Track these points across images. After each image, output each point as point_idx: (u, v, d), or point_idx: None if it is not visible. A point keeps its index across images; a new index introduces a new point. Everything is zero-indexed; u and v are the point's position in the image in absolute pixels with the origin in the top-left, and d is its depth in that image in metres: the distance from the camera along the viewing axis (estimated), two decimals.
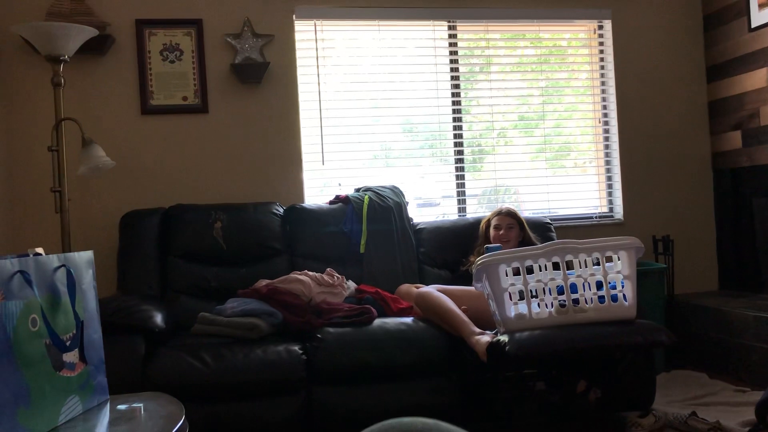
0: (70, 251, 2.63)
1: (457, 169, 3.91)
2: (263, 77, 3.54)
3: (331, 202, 3.50)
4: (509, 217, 3.24)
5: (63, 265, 1.35)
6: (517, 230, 3.22)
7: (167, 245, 3.19)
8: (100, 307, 1.53)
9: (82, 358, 1.37)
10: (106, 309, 2.45)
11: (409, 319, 2.81)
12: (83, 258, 1.45)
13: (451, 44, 3.90)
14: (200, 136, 3.52)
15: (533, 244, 3.10)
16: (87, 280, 1.45)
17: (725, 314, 3.47)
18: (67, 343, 1.31)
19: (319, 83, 3.70)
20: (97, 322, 1.47)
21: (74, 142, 3.00)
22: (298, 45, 3.66)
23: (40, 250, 1.32)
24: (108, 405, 1.43)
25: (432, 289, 2.86)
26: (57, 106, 2.93)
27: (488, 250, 2.97)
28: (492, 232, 3.24)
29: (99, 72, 3.42)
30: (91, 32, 2.91)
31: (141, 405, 1.38)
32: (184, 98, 3.50)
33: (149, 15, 3.45)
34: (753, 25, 3.73)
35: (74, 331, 1.35)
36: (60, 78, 2.91)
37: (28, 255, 1.29)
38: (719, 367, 3.49)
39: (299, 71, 3.65)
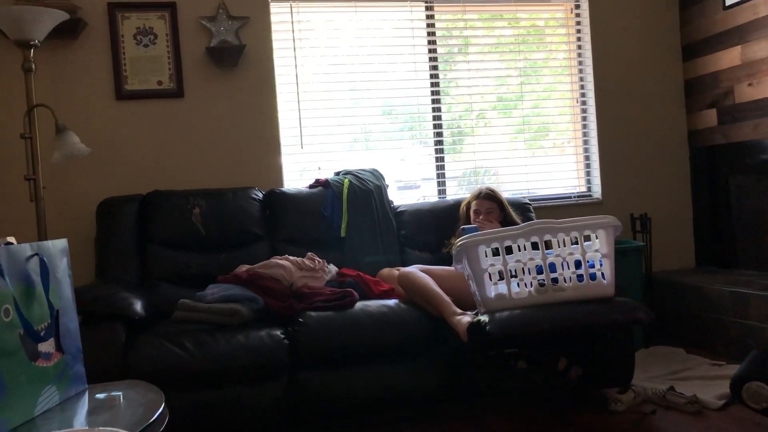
0: (46, 240, 2.60)
1: (436, 151, 3.91)
2: (239, 60, 3.50)
3: (310, 186, 3.48)
4: (488, 200, 3.22)
5: (36, 254, 1.33)
6: (498, 213, 3.21)
7: (146, 232, 3.15)
8: (78, 295, 1.51)
9: (59, 347, 1.36)
10: (84, 297, 2.44)
11: (391, 302, 2.82)
12: (57, 246, 1.43)
13: (428, 25, 3.88)
14: (176, 121, 3.48)
15: (515, 223, 3.11)
16: (62, 268, 1.43)
17: (702, 290, 3.52)
18: (42, 333, 1.30)
19: (296, 66, 3.66)
20: (73, 311, 1.45)
21: (48, 128, 2.95)
22: (274, 27, 3.61)
23: (11, 239, 1.30)
24: (86, 394, 1.42)
25: (415, 269, 2.87)
26: (28, 92, 2.87)
27: (464, 231, 2.99)
28: (472, 216, 3.24)
29: (71, 57, 3.36)
30: (61, 16, 2.85)
31: (120, 393, 1.37)
32: (159, 83, 3.45)
33: None
34: (727, 3, 3.75)
35: (49, 321, 1.33)
36: (31, 63, 2.86)
37: None
38: (696, 343, 3.55)
39: (276, 54, 3.61)
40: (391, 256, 3.36)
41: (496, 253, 2.49)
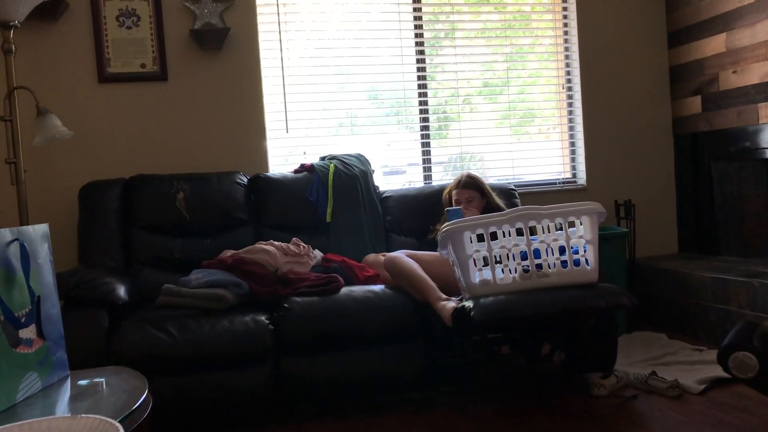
0: (27, 224, 2.57)
1: (422, 136, 3.90)
2: (224, 43, 3.46)
3: (296, 171, 3.46)
4: (467, 189, 3.19)
5: (16, 239, 1.31)
6: (478, 201, 3.19)
7: (129, 217, 3.13)
8: (60, 280, 1.50)
9: (40, 333, 1.35)
10: (67, 282, 2.43)
11: (376, 287, 2.82)
12: (38, 231, 1.41)
13: (415, 9, 3.85)
14: (160, 104, 3.44)
15: (499, 209, 3.11)
16: (43, 254, 1.41)
17: (684, 276, 3.56)
18: (22, 320, 1.28)
19: (281, 49, 3.63)
20: (54, 297, 1.44)
21: (28, 111, 2.91)
22: (259, 10, 3.57)
23: None
24: (69, 381, 1.41)
25: (401, 254, 2.87)
26: (8, 74, 2.83)
27: (449, 213, 2.99)
28: (454, 204, 3.23)
29: (53, 38, 3.30)
30: None
31: (103, 380, 1.36)
32: (143, 65, 3.40)
33: None
34: None
35: (30, 307, 1.32)
36: (11, 45, 2.81)
37: None
38: (678, 328, 3.60)
39: (261, 37, 3.58)
40: (377, 242, 3.36)
41: (481, 239, 2.50)
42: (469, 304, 2.42)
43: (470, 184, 3.22)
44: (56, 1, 3.15)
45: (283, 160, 3.69)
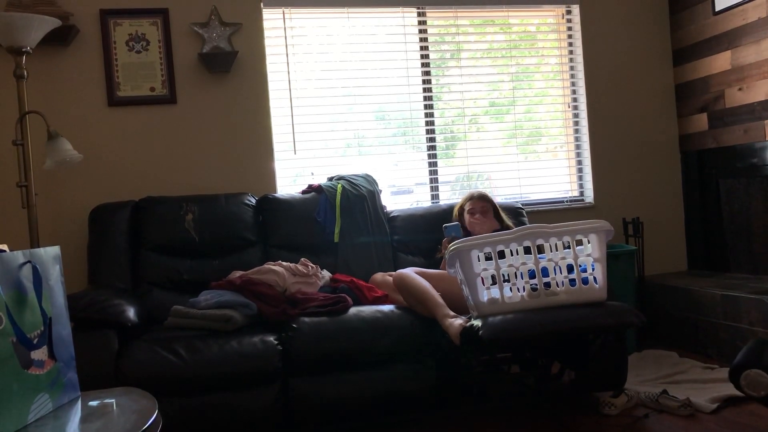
0: (38, 246, 2.59)
1: (429, 156, 3.92)
2: (232, 66, 3.50)
3: (304, 192, 3.49)
4: (482, 200, 3.24)
5: (28, 262, 1.32)
6: (492, 212, 3.23)
7: (138, 238, 3.15)
8: (71, 302, 1.51)
9: (51, 355, 1.35)
10: (77, 304, 2.44)
11: (384, 307, 2.82)
12: (49, 253, 1.42)
13: (421, 31, 3.89)
14: (169, 127, 3.48)
15: (507, 227, 3.12)
16: (54, 275, 1.42)
17: (694, 294, 3.54)
18: (35, 341, 1.29)
19: (288, 72, 3.67)
20: (66, 319, 1.45)
21: (39, 135, 2.95)
22: (266, 33, 3.62)
23: (4, 246, 1.29)
24: (79, 402, 1.42)
25: (410, 271, 2.88)
26: (20, 98, 2.87)
27: (446, 228, 3.00)
28: (467, 217, 3.24)
29: (63, 63, 3.35)
30: (53, 23, 2.85)
31: (113, 401, 1.37)
32: (152, 89, 3.45)
33: (114, 5, 3.39)
34: (717, 9, 3.79)
35: (42, 328, 1.33)
36: (23, 70, 2.85)
37: None
38: (689, 346, 3.57)
39: (268, 60, 3.62)
40: (384, 262, 3.36)
41: (488, 257, 2.50)
42: (477, 322, 2.42)
43: (484, 197, 3.26)
44: (67, 27, 3.20)
45: (291, 180, 3.72)
